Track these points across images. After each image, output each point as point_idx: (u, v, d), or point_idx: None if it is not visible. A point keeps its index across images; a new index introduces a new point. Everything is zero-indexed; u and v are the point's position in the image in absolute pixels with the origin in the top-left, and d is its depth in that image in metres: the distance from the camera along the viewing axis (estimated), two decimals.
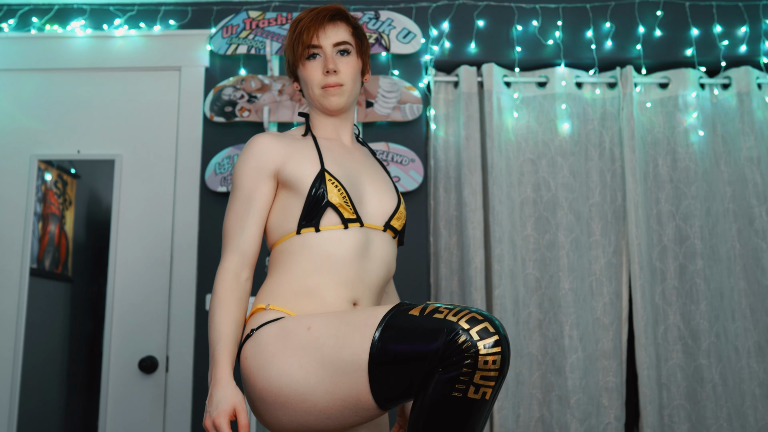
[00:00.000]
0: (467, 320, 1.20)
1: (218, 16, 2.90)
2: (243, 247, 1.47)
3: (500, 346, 1.19)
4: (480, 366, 1.17)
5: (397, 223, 1.56)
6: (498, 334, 1.20)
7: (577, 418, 2.64)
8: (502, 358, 1.19)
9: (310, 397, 1.31)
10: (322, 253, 1.45)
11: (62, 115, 2.84)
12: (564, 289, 2.74)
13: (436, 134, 2.90)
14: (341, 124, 1.62)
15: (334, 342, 1.31)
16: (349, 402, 1.29)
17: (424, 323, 1.24)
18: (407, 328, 1.25)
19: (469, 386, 1.17)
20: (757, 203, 2.82)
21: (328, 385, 1.29)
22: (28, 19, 2.91)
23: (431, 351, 1.20)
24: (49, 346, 2.72)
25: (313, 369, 1.31)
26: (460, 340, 1.18)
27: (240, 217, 1.48)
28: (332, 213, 1.46)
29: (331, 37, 1.56)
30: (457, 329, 1.19)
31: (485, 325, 1.20)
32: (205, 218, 2.74)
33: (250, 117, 2.75)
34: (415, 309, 1.28)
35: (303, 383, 1.31)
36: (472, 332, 1.19)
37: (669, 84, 2.91)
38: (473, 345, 1.17)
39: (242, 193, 1.49)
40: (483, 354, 1.17)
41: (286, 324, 1.39)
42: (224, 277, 1.44)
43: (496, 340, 1.19)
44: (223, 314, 1.41)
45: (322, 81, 1.55)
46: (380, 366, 1.26)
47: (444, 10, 2.93)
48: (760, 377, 2.74)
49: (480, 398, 1.18)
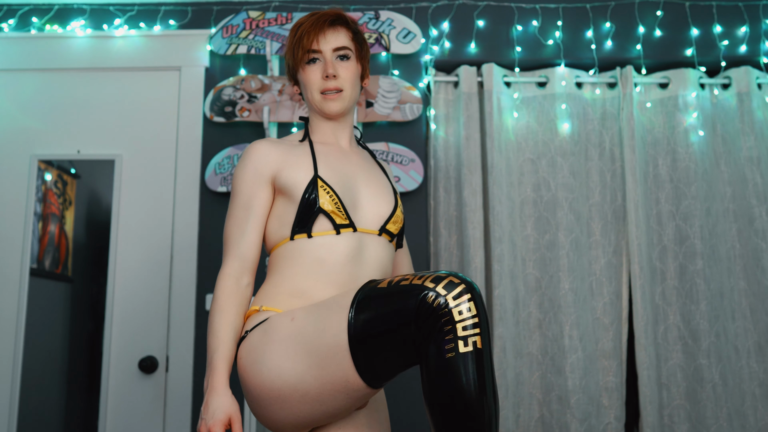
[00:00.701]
0: (431, 280, 1.23)
1: (218, 16, 2.90)
2: (243, 253, 1.49)
3: (469, 293, 1.21)
4: (456, 318, 1.18)
5: (393, 227, 1.58)
6: (463, 282, 1.22)
7: (577, 418, 2.64)
8: (475, 304, 1.20)
9: (301, 386, 1.32)
10: (314, 258, 1.47)
11: (62, 115, 2.84)
12: (564, 289, 2.74)
13: (436, 134, 2.90)
14: (340, 128, 1.64)
15: (314, 328, 1.33)
16: (338, 385, 1.30)
17: (392, 291, 1.26)
18: (378, 299, 1.27)
19: (457, 341, 1.18)
20: (757, 203, 2.82)
21: (316, 371, 1.31)
22: (28, 19, 2.91)
23: (405, 318, 1.22)
24: (49, 346, 2.72)
25: (300, 357, 1.33)
26: (430, 298, 1.20)
27: (240, 223, 1.50)
28: (324, 219, 1.48)
29: (331, 42, 1.58)
30: (423, 290, 1.22)
31: (449, 279, 1.22)
32: (205, 218, 2.74)
33: (250, 117, 2.75)
34: (383, 282, 1.31)
35: (293, 373, 1.33)
36: (438, 288, 1.21)
37: (669, 84, 2.91)
38: (442, 299, 1.19)
39: (241, 200, 1.52)
40: (453, 306, 1.19)
41: (272, 319, 1.41)
42: (225, 283, 1.46)
43: (462, 288, 1.21)
44: (223, 320, 1.42)
45: (322, 85, 1.58)
46: (361, 343, 1.27)
47: (444, 10, 2.93)
48: (760, 377, 2.74)
49: (473, 349, 1.18)
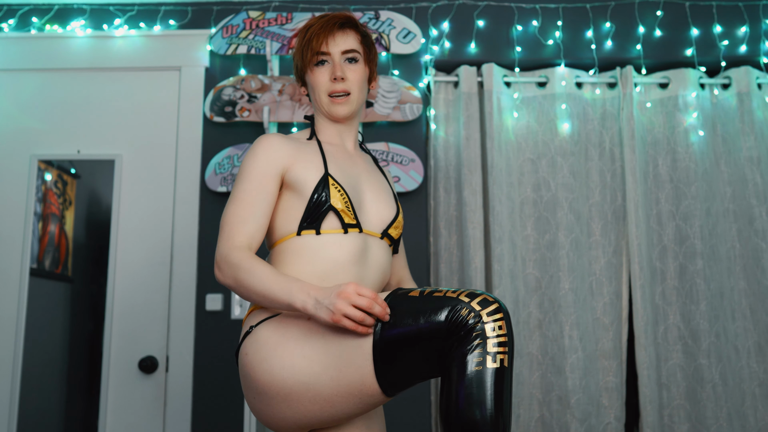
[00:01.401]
0: (466, 295, 1.25)
1: (218, 16, 2.90)
2: (251, 235, 1.44)
3: (502, 312, 1.24)
4: (489, 334, 1.21)
5: (394, 231, 1.58)
6: (497, 302, 1.25)
7: (577, 418, 2.64)
8: (506, 324, 1.23)
9: (315, 386, 1.31)
10: (321, 256, 1.46)
11: (62, 115, 2.84)
12: (564, 289, 2.74)
13: (436, 134, 2.90)
14: (346, 131, 1.64)
15: (335, 329, 1.32)
16: (354, 389, 1.30)
17: (426, 303, 1.27)
18: (408, 308, 1.27)
19: (486, 357, 1.20)
20: (757, 203, 2.82)
21: (333, 372, 1.30)
22: (28, 19, 2.91)
23: (436, 328, 1.23)
24: (49, 346, 2.72)
25: (317, 357, 1.32)
26: (464, 312, 1.22)
27: (248, 207, 1.45)
28: (333, 217, 1.48)
29: (340, 45, 1.58)
30: (458, 303, 1.24)
31: (484, 297, 1.25)
32: (205, 218, 2.74)
33: (250, 117, 2.75)
34: (414, 291, 1.32)
35: (307, 372, 1.32)
36: (473, 304, 1.23)
37: (669, 84, 2.91)
38: (477, 315, 1.22)
39: (251, 186, 1.47)
40: (487, 321, 1.22)
41: (285, 317, 1.40)
42: (241, 250, 1.40)
43: (496, 307, 1.24)
44: (267, 268, 1.36)
45: (329, 87, 1.58)
46: (385, 350, 1.27)
47: (444, 10, 2.93)
48: (760, 377, 2.74)
49: (500, 366, 1.20)
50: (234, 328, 2.66)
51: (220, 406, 2.61)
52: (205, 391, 2.62)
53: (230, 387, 2.62)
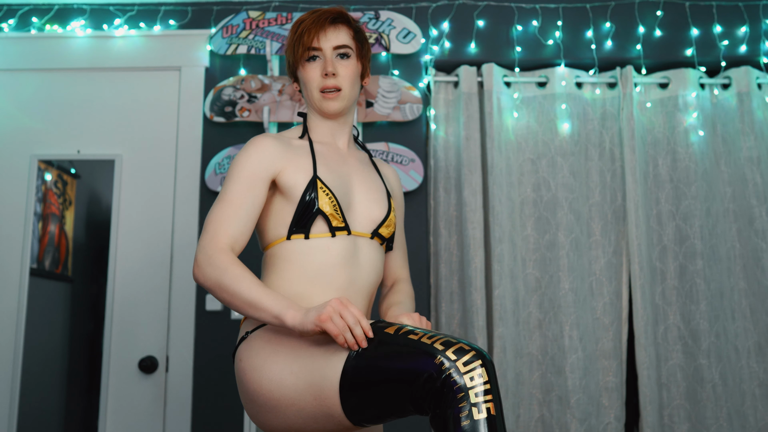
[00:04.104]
0: (441, 343, 1.19)
1: (218, 16, 2.90)
2: (234, 237, 1.42)
3: (479, 359, 1.17)
4: (468, 385, 1.15)
5: (385, 231, 1.57)
6: (474, 349, 1.19)
7: (577, 418, 2.64)
8: (486, 370, 1.17)
9: (299, 402, 1.31)
10: (311, 261, 1.46)
11: (62, 115, 2.84)
12: (564, 289, 2.74)
13: (436, 134, 2.90)
14: (338, 128, 1.62)
15: (323, 351, 1.31)
16: (333, 411, 1.29)
17: (398, 344, 1.23)
18: (381, 349, 1.24)
19: (471, 409, 1.14)
20: (757, 203, 2.82)
21: (317, 391, 1.29)
22: (28, 19, 2.91)
23: (406, 374, 1.19)
24: (49, 346, 2.72)
25: (303, 375, 1.31)
26: (438, 361, 1.16)
27: (235, 208, 1.44)
28: (322, 221, 1.47)
29: (332, 40, 1.56)
30: (432, 352, 1.18)
31: (459, 345, 1.19)
32: (204, 218, 2.74)
33: (250, 117, 2.75)
34: (390, 328, 1.28)
35: (293, 388, 1.32)
36: (448, 353, 1.17)
37: (669, 84, 2.91)
38: (452, 365, 1.16)
39: (240, 187, 1.45)
40: (465, 372, 1.16)
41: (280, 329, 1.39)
42: (225, 252, 1.38)
43: (473, 355, 1.17)
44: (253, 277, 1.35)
45: (321, 83, 1.55)
46: (352, 378, 1.25)
47: (444, 10, 2.93)
48: (760, 377, 2.74)
49: (486, 415, 1.15)
50: (234, 328, 2.66)
51: (220, 406, 2.62)
52: (205, 391, 2.62)
53: (230, 387, 2.62)
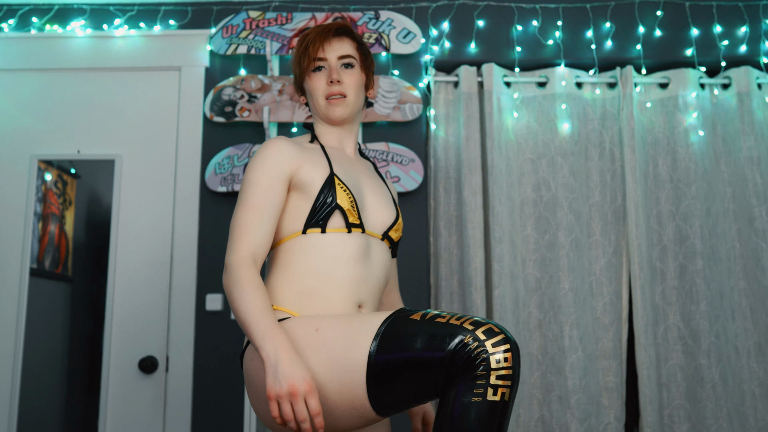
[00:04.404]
0: (471, 323, 1.21)
1: (218, 16, 2.90)
2: (258, 242, 1.44)
3: (508, 343, 1.19)
4: (493, 366, 1.17)
5: (394, 234, 1.61)
6: (503, 333, 1.21)
7: (577, 418, 2.64)
8: (513, 356, 1.19)
9: (319, 396, 1.32)
10: (326, 254, 1.47)
11: (62, 115, 2.84)
12: (564, 289, 2.74)
13: (436, 134, 2.90)
14: (345, 135, 1.67)
15: (343, 343, 1.32)
16: (356, 403, 1.30)
17: (428, 328, 1.24)
18: (410, 333, 1.25)
19: (487, 388, 1.16)
20: (757, 203, 2.82)
21: (337, 384, 1.30)
22: (28, 19, 2.91)
23: (437, 357, 1.20)
24: (49, 346, 2.72)
25: (322, 369, 1.32)
26: (467, 340, 1.18)
27: (257, 213, 1.45)
28: (339, 216, 1.49)
29: (336, 50, 1.62)
30: (463, 332, 1.20)
31: (489, 326, 1.21)
32: (205, 218, 2.74)
33: (250, 117, 2.75)
34: (415, 314, 1.29)
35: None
36: (478, 333, 1.19)
37: (669, 84, 2.91)
38: (481, 345, 1.18)
39: (260, 190, 1.47)
40: (493, 352, 1.18)
41: (293, 325, 1.39)
42: (244, 265, 1.39)
43: (503, 338, 1.20)
44: (260, 296, 1.35)
45: (326, 90, 1.60)
46: (379, 373, 1.26)
47: (444, 10, 2.93)
48: (760, 377, 2.74)
49: (500, 400, 1.16)
50: (234, 328, 2.66)
51: (220, 406, 2.61)
52: (205, 391, 2.62)
53: (230, 387, 2.62)
